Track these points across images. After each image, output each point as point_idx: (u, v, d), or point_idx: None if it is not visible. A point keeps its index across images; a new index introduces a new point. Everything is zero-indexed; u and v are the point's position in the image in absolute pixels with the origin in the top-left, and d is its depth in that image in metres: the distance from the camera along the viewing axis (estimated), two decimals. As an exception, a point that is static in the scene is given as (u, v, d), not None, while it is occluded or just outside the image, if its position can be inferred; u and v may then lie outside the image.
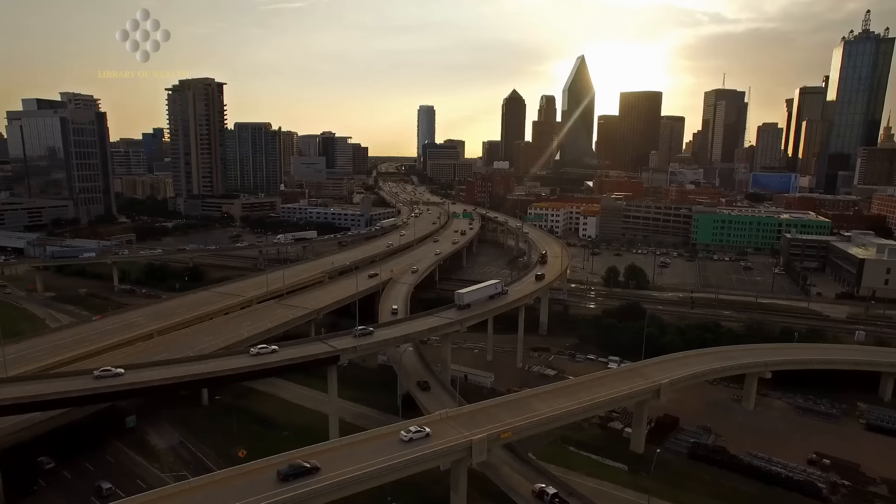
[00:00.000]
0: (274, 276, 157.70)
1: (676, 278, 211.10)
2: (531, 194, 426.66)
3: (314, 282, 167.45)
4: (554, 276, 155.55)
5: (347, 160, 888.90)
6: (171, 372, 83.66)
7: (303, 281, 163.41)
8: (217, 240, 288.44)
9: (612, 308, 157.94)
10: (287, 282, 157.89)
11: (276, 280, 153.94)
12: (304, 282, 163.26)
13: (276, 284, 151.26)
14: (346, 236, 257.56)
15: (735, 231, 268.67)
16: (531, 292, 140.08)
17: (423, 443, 67.62)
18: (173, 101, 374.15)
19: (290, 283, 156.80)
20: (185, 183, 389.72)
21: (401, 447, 66.81)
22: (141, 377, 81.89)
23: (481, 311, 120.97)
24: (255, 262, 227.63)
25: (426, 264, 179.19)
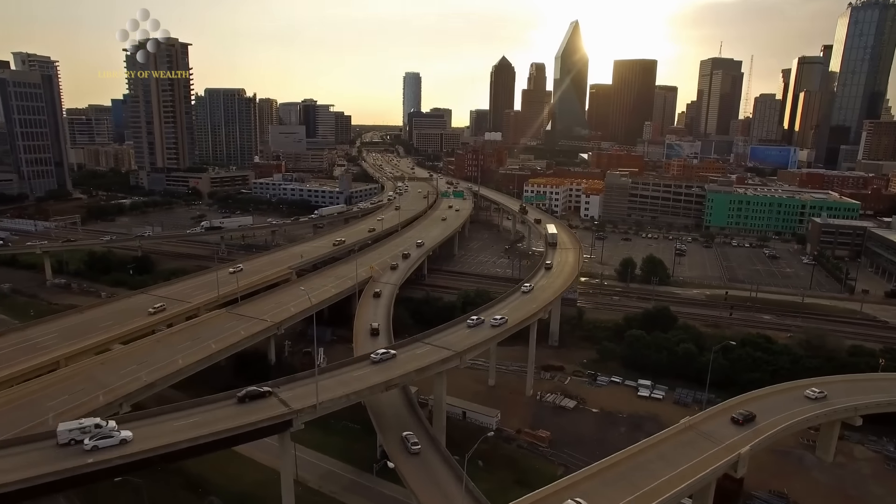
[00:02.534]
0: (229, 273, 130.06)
1: (697, 270, 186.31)
2: (525, 168, 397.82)
3: (280, 279, 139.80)
4: (568, 277, 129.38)
5: (330, 129, 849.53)
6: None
7: (264, 279, 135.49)
8: (178, 221, 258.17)
9: (634, 314, 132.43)
10: (244, 281, 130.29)
11: (231, 279, 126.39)
12: (266, 280, 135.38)
13: (231, 286, 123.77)
14: (321, 218, 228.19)
15: (753, 214, 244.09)
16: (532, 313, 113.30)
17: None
18: (131, 63, 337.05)
19: (246, 283, 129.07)
20: (148, 155, 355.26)
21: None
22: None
23: (488, 335, 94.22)
24: (216, 250, 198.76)
25: (411, 259, 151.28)
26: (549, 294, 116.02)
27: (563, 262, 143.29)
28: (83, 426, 58.27)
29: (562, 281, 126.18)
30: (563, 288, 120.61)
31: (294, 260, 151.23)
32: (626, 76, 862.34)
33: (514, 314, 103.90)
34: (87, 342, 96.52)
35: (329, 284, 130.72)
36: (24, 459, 55.94)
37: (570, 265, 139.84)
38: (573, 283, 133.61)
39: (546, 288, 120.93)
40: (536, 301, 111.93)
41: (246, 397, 69.07)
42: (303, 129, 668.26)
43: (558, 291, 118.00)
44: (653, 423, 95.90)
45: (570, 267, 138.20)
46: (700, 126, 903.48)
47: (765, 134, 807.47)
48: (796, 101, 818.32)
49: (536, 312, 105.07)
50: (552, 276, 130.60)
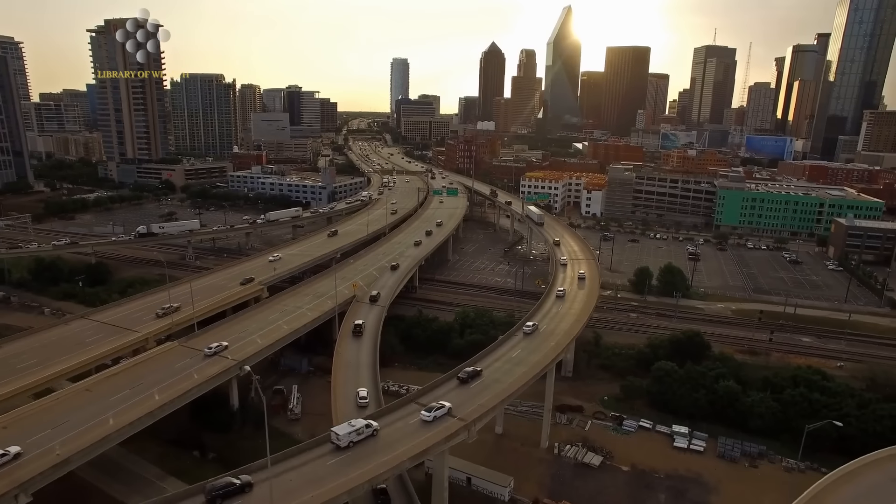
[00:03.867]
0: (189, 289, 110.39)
1: (717, 278, 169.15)
2: (520, 159, 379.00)
3: (248, 297, 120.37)
4: (585, 306, 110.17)
5: (315, 117, 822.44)
6: None
7: (228, 299, 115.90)
8: (146, 218, 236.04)
9: (659, 338, 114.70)
10: (204, 303, 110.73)
11: (189, 296, 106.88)
12: (230, 301, 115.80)
13: (197, 306, 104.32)
14: (301, 218, 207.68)
15: (768, 212, 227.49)
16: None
17: None
18: (97, 45, 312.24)
19: (206, 306, 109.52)
20: (118, 145, 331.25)
21: None
22: None
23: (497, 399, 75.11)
24: (184, 255, 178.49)
25: (399, 273, 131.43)
26: (560, 338, 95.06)
27: (575, 280, 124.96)
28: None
29: (577, 313, 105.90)
30: (581, 323, 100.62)
31: (266, 272, 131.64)
32: (619, 63, 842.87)
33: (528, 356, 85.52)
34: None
35: (305, 306, 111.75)
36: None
37: (585, 289, 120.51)
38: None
39: (555, 331, 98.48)
40: (542, 350, 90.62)
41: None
42: (286, 117, 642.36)
43: (571, 333, 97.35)
44: (698, 488, 78.97)
45: (587, 293, 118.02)
46: (692, 115, 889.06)
47: (759, 123, 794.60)
48: (790, 90, 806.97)
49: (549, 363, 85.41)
50: (566, 303, 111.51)
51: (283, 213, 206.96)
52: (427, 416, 64.69)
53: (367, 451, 58.37)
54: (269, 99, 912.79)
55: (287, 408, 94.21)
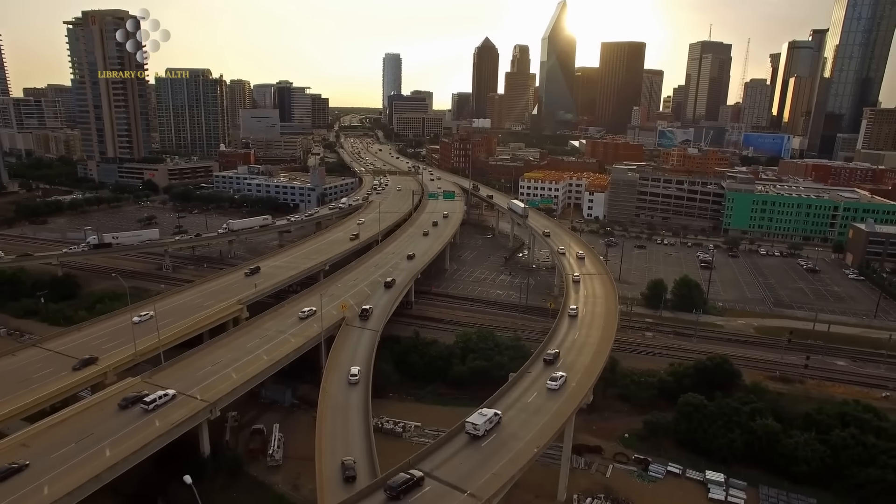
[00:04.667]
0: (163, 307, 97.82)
1: (733, 289, 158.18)
2: (517, 158, 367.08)
3: (225, 319, 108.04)
4: (605, 334, 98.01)
5: (306, 113, 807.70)
6: None
7: (202, 322, 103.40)
8: (124, 222, 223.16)
9: (683, 365, 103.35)
10: (173, 328, 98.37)
11: (163, 318, 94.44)
12: (204, 324, 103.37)
13: (166, 332, 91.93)
14: (289, 223, 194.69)
15: (779, 216, 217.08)
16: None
17: None
18: (74, 38, 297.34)
19: (176, 331, 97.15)
20: (98, 143, 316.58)
21: None
22: None
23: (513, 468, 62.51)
24: (161, 264, 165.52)
25: (392, 292, 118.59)
26: (582, 378, 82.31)
27: (590, 299, 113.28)
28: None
29: (597, 343, 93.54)
30: (603, 356, 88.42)
31: (246, 288, 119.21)
32: (614, 59, 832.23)
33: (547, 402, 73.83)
34: None
35: (289, 330, 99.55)
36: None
37: (601, 309, 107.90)
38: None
39: (574, 366, 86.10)
40: (562, 391, 77.99)
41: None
42: (276, 113, 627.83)
43: (594, 371, 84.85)
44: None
45: (605, 317, 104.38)
46: (687, 111, 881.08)
47: (755, 120, 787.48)
48: (786, 86, 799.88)
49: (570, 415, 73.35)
50: (580, 328, 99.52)
51: (249, 223, 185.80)
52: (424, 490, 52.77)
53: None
54: (260, 95, 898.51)
55: (267, 453, 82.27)
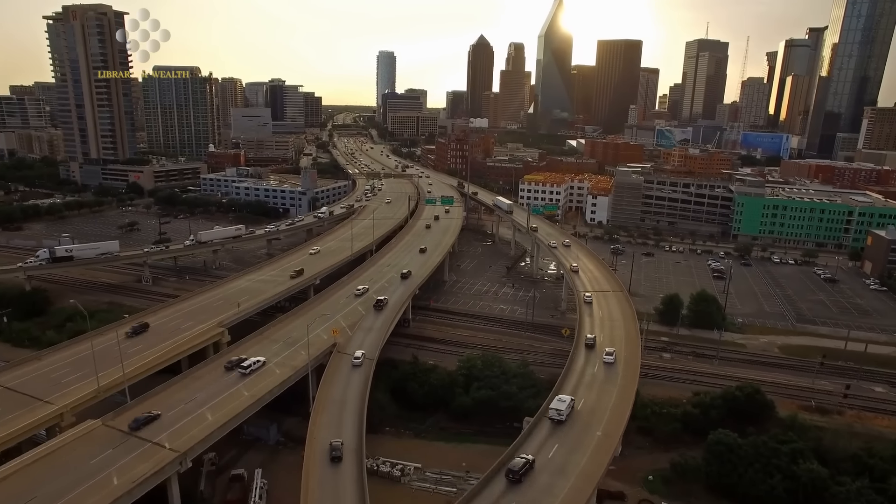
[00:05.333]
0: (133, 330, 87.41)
1: (751, 302, 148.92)
2: (515, 159, 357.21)
3: (203, 345, 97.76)
4: (629, 368, 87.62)
5: (299, 111, 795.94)
6: None
7: (176, 350, 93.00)
8: (104, 228, 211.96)
9: (708, 393, 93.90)
10: (144, 356, 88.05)
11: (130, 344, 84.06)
12: (179, 352, 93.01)
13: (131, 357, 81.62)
14: (266, 233, 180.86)
15: (791, 221, 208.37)
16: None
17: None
18: (54, 34, 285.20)
19: (149, 360, 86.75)
20: (80, 144, 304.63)
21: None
22: None
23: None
24: (140, 276, 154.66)
25: (387, 314, 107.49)
26: (610, 429, 71.55)
27: (605, 323, 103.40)
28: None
29: (620, 378, 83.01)
30: (630, 398, 77.94)
31: (227, 308, 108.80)
32: (610, 57, 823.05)
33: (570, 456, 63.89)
34: None
35: (274, 359, 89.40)
36: None
37: (620, 334, 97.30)
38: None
39: (596, 409, 75.44)
40: (586, 444, 67.99)
41: None
42: (268, 112, 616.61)
43: (623, 417, 74.13)
44: None
45: (624, 344, 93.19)
46: (684, 110, 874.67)
47: (752, 119, 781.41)
48: (783, 85, 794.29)
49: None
50: (599, 361, 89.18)
51: (219, 234, 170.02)
52: None
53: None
54: (252, 93, 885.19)
55: (247, 503, 72.40)
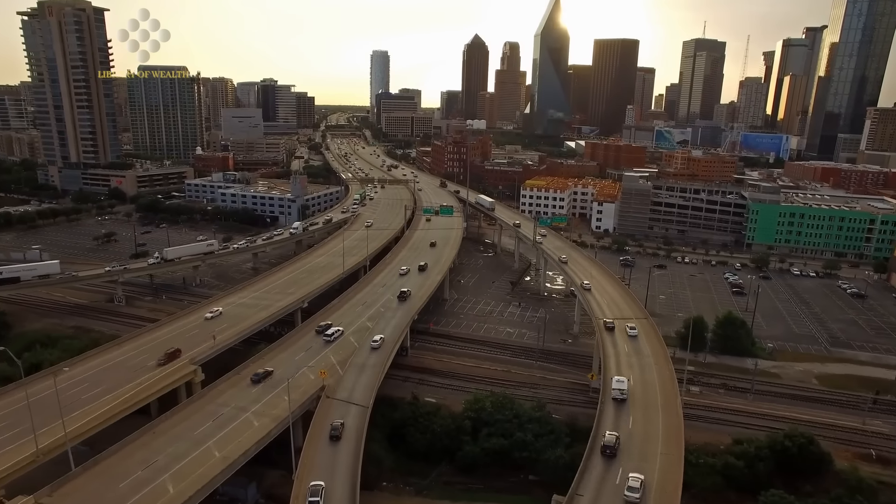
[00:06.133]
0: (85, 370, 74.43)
1: (776, 322, 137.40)
2: (514, 161, 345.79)
3: (177, 384, 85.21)
4: (671, 424, 75.11)
5: (291, 111, 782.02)
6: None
7: (136, 397, 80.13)
8: (79, 240, 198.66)
9: (752, 443, 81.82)
10: (95, 410, 75.18)
11: (88, 384, 71.36)
12: (140, 399, 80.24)
13: (82, 416, 68.94)
14: (253, 245, 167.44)
15: (809, 230, 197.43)
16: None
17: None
18: (30, 32, 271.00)
19: (92, 420, 73.67)
20: (59, 147, 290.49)
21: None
22: None
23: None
24: (112, 295, 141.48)
25: (383, 353, 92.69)
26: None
27: (632, 359, 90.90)
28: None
29: (662, 435, 69.43)
30: (678, 467, 63.62)
31: (202, 339, 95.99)
32: (607, 57, 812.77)
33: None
34: None
35: (252, 406, 76.95)
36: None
37: (652, 377, 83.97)
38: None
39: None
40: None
41: None
42: (259, 113, 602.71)
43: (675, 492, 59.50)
44: None
45: (659, 392, 79.65)
46: (681, 110, 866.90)
47: (750, 119, 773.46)
48: (780, 85, 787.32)
49: None
50: (633, 417, 75.48)
51: (187, 250, 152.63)
52: None
53: None
54: (244, 93, 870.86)
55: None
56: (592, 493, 59.54)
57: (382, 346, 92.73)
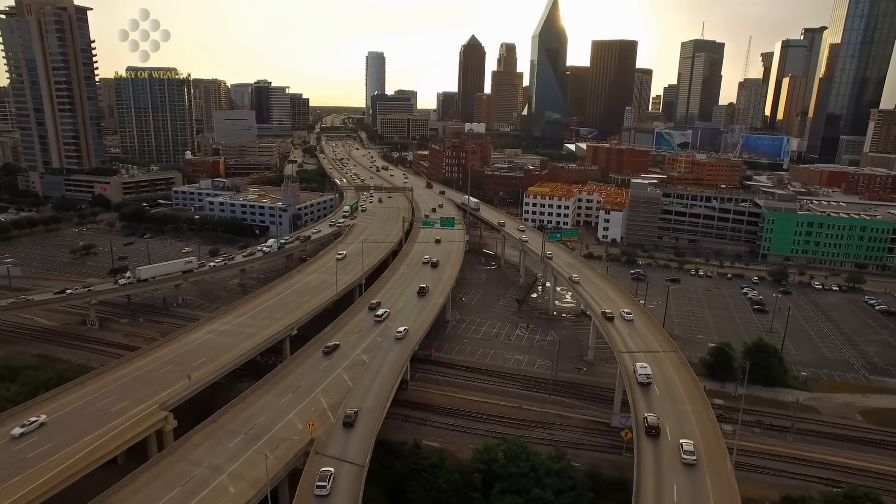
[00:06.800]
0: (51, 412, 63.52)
1: (806, 345, 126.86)
2: (515, 166, 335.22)
3: (146, 434, 74.23)
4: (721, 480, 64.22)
5: (286, 113, 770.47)
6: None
7: (94, 454, 68.95)
8: (56, 253, 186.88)
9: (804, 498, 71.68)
10: (41, 476, 64.02)
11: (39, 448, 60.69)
12: (99, 456, 69.07)
13: (32, 480, 58.02)
14: (212, 268, 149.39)
15: (828, 240, 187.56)
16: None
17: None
18: (8, 31, 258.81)
19: (38, 486, 62.60)
20: (41, 152, 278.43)
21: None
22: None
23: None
24: (85, 317, 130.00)
25: (379, 398, 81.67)
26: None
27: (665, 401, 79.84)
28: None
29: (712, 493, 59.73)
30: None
31: (175, 378, 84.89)
32: (605, 58, 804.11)
33: None
34: None
35: (228, 466, 65.91)
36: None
37: (691, 429, 72.73)
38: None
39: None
40: None
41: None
42: (252, 115, 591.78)
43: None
44: None
45: (702, 446, 68.27)
46: (678, 111, 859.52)
47: (750, 121, 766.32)
48: (779, 86, 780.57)
49: None
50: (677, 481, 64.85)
51: (163, 269, 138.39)
52: None
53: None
54: (237, 95, 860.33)
55: None
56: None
57: (379, 387, 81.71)
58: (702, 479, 62.43)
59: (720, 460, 64.61)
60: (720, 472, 62.76)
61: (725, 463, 63.83)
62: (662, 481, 62.07)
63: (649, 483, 61.22)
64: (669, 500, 59.04)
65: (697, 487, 61.48)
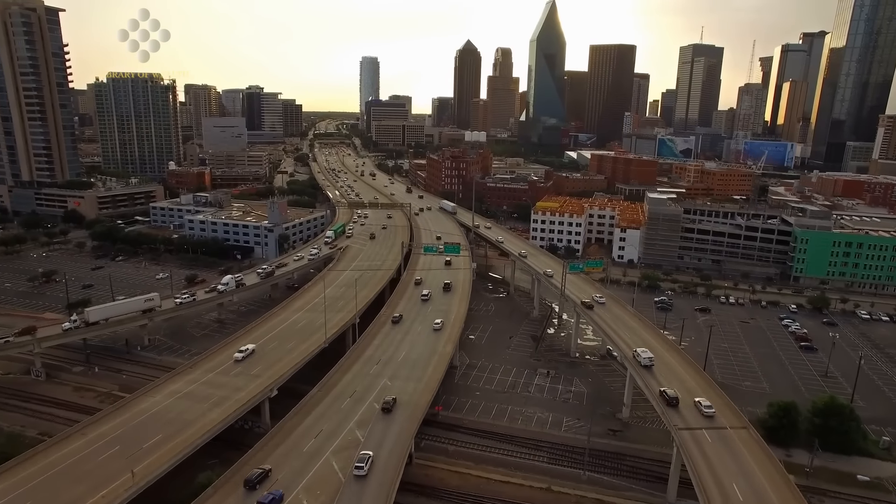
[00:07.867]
0: None
1: (875, 396, 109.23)
2: (517, 177, 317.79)
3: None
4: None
5: (278, 119, 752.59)
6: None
7: None
8: (11, 279, 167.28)
9: None
10: None
11: None
12: None
13: None
14: (177, 307, 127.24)
15: (869, 261, 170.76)
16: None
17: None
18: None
19: None
20: (10, 164, 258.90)
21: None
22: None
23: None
24: (30, 368, 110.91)
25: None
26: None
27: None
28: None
29: None
30: None
31: (117, 471, 66.30)
32: (603, 62, 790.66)
33: None
34: None
35: None
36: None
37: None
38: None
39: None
40: None
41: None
42: (243, 122, 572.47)
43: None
44: None
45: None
46: (676, 116, 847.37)
47: (751, 126, 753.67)
48: (779, 91, 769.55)
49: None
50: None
51: (118, 309, 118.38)
52: None
53: None
54: (228, 101, 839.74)
55: None
56: None
57: (376, 481, 63.40)
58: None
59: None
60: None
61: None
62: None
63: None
64: None
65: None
